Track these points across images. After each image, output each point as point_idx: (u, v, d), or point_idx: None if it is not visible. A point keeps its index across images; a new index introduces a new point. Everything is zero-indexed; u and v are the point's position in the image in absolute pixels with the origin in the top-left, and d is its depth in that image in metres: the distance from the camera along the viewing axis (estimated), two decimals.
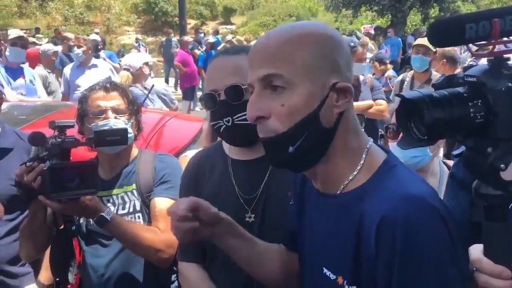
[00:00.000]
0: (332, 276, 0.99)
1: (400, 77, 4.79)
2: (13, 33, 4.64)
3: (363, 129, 1.07)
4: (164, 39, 16.18)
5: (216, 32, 16.37)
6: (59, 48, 7.45)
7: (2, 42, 4.87)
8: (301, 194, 1.16)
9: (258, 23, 23.20)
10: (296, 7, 25.06)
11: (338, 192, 1.00)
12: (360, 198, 0.96)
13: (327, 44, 0.97)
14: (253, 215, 1.43)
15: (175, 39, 15.48)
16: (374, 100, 4.44)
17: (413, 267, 0.87)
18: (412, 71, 4.59)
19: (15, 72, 4.41)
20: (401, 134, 1.20)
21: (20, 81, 4.37)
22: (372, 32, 15.72)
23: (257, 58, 0.98)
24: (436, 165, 2.27)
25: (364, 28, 16.67)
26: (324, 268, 1.02)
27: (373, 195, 0.94)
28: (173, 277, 1.96)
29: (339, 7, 22.63)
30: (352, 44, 4.60)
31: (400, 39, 14.16)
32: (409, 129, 0.82)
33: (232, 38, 11.98)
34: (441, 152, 2.54)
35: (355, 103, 4.19)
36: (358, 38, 9.20)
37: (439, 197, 0.97)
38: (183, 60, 10.30)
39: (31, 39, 9.72)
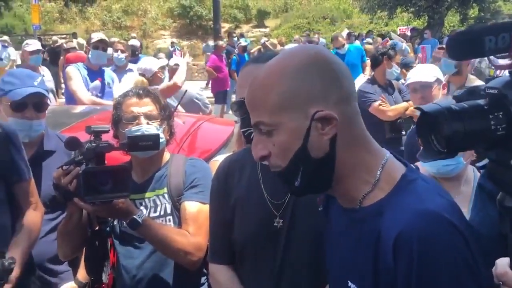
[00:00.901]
0: None
1: None
2: (95, 36, 4.74)
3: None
4: (204, 44, 16.61)
5: (241, 36, 16.66)
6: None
7: (86, 45, 5.03)
8: (326, 208, 1.19)
9: (292, 25, 23.19)
10: (330, 9, 24.91)
11: (357, 207, 1.02)
12: (378, 213, 0.97)
13: (295, 76, 0.98)
14: (281, 220, 1.45)
15: (211, 43, 15.88)
16: (406, 101, 4.39)
17: (430, 281, 0.88)
18: (447, 75, 4.50)
19: (95, 74, 4.55)
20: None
21: (96, 83, 4.49)
22: (408, 33, 15.44)
23: (247, 105, 1.04)
24: (470, 173, 2.23)
25: (400, 29, 16.38)
26: (349, 281, 1.04)
27: (390, 210, 0.96)
28: (203, 279, 2.01)
29: (374, 9, 22.37)
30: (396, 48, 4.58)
31: (437, 40, 13.88)
32: (429, 142, 0.83)
33: (266, 41, 12.03)
34: None
35: (394, 107, 4.17)
36: (391, 39, 9.09)
37: (459, 211, 0.97)
38: (214, 65, 10.42)
39: (71, 44, 10.08)
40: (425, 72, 3.53)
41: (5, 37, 9.96)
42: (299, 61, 0.99)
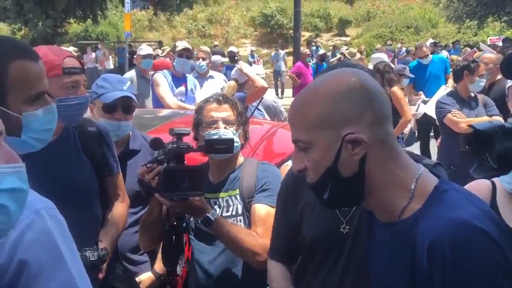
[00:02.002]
0: None
1: None
2: (180, 45, 5.06)
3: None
4: (273, 53, 17.01)
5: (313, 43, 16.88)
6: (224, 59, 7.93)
7: (171, 53, 5.39)
8: (369, 220, 1.23)
9: (373, 34, 22.79)
10: (415, 18, 24.16)
11: (396, 220, 1.07)
12: (414, 224, 1.02)
13: (332, 101, 1.05)
14: (348, 226, 1.49)
15: (282, 51, 16.25)
16: (490, 116, 4.20)
17: (463, 285, 0.93)
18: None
19: (179, 80, 4.85)
20: None
21: (181, 88, 4.80)
22: (500, 44, 14.59)
23: (289, 122, 1.13)
24: None
25: (490, 40, 15.53)
26: None
27: (425, 220, 1.01)
28: None
29: (462, 18, 21.39)
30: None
31: None
32: (483, 158, 0.86)
33: (345, 50, 11.94)
34: None
35: (469, 119, 4.00)
36: (481, 51, 8.65)
37: (492, 218, 1.00)
38: (298, 71, 10.55)
39: (156, 52, 10.68)
40: None
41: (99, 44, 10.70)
42: (340, 86, 1.07)
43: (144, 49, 5.86)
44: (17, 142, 1.23)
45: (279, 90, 16.09)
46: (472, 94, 4.27)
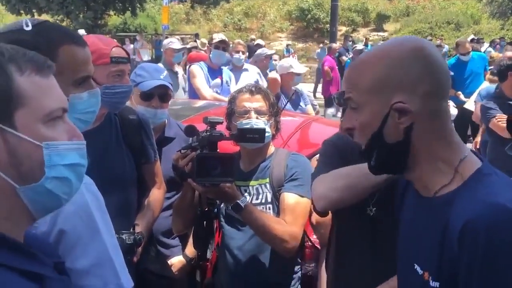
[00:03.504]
0: (420, 271, 1.07)
1: None
2: (216, 37, 5.14)
3: None
4: (318, 50, 16.88)
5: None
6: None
7: (208, 45, 5.45)
8: (402, 194, 1.24)
9: (412, 30, 22.29)
10: (456, 13, 23.49)
11: (432, 196, 1.07)
12: (449, 203, 1.02)
13: (391, 65, 1.04)
14: (374, 208, 1.52)
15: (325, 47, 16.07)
16: None
17: (494, 272, 0.91)
18: None
19: (215, 72, 4.93)
20: None
21: (217, 80, 4.87)
22: None
23: (344, 81, 1.14)
24: None
25: None
26: (415, 264, 1.09)
27: (461, 200, 1.00)
28: (297, 268, 2.13)
29: (506, 14, 20.69)
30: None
31: None
32: None
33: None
34: None
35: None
36: None
37: None
38: (332, 66, 10.51)
39: (192, 44, 10.79)
40: None
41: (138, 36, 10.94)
42: (402, 50, 1.06)
43: (175, 43, 5.93)
44: None
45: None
46: None
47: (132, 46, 18.38)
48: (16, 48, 0.86)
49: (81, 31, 12.37)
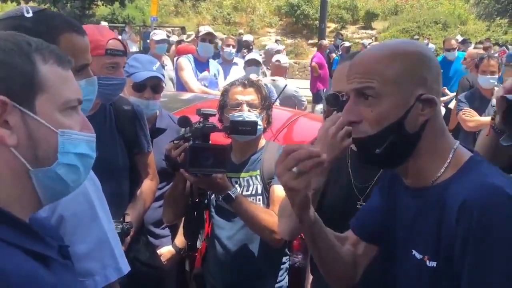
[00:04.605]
0: (419, 256, 1.13)
1: None
2: (203, 29, 5.09)
3: None
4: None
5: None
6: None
7: (195, 38, 5.41)
8: (390, 194, 1.29)
9: (400, 29, 22.45)
10: (444, 13, 23.70)
11: (429, 185, 1.13)
12: (447, 188, 1.09)
13: (415, 61, 1.12)
14: (364, 203, 1.57)
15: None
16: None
17: (485, 249, 0.98)
18: None
19: (203, 65, 4.91)
20: None
21: (204, 73, 4.86)
22: None
23: (355, 72, 1.15)
24: None
25: None
26: (412, 250, 1.15)
27: (457, 184, 1.07)
28: (284, 259, 2.17)
29: (492, 15, 20.98)
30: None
31: None
32: None
33: (369, 44, 11.87)
34: None
35: (476, 118, 4.12)
36: (508, 49, 8.51)
37: None
38: (321, 62, 10.55)
39: (180, 37, 10.76)
40: None
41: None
42: (421, 51, 1.15)
43: (158, 34, 5.89)
44: None
45: None
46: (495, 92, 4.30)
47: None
48: (41, 40, 0.91)
49: None
